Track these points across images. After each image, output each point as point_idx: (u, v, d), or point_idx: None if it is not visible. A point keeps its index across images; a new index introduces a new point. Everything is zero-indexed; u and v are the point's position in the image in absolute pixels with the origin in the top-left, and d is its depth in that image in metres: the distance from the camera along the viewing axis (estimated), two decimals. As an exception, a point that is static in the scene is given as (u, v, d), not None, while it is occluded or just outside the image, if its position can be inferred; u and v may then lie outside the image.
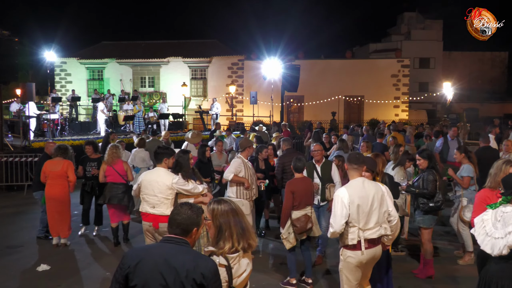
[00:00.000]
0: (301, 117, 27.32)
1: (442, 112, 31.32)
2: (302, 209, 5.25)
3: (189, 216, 2.52)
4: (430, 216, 5.60)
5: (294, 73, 18.74)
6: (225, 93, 26.23)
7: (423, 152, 5.80)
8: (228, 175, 6.29)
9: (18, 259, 6.50)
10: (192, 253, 2.47)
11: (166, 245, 2.49)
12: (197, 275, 2.34)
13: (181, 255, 2.40)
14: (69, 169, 6.80)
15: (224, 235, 2.63)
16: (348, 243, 3.92)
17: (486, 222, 3.50)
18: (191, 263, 2.37)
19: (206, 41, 29.30)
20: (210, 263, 2.44)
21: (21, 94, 14.44)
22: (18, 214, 9.08)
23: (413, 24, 36.46)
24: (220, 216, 2.65)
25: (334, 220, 3.89)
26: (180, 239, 2.49)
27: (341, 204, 3.85)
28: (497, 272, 3.42)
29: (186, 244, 2.49)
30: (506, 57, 40.04)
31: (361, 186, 3.94)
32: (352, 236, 3.89)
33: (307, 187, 5.39)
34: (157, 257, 2.40)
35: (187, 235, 2.51)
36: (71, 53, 27.79)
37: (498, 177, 4.13)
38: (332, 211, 3.96)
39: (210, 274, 2.37)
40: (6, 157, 11.43)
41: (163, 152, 5.18)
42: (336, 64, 27.49)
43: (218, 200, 2.77)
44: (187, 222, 2.51)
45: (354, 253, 3.92)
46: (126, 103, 19.45)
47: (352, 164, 4.02)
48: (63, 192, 6.79)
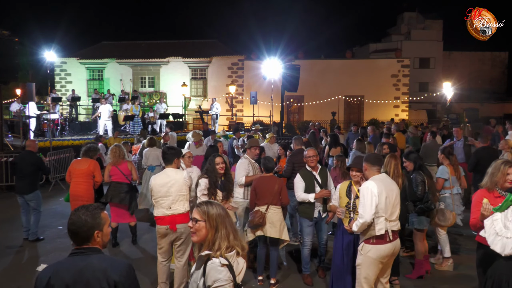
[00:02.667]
0: (301, 117, 27.32)
1: (442, 112, 31.31)
2: (262, 206, 5.30)
3: (84, 222, 2.37)
4: (423, 218, 5.64)
5: (294, 73, 18.74)
6: (225, 93, 26.23)
7: (409, 155, 5.85)
8: (240, 180, 6.03)
9: (18, 259, 6.50)
10: (101, 260, 2.35)
11: (73, 258, 2.35)
12: (110, 281, 2.26)
13: (90, 266, 2.29)
14: (96, 169, 6.80)
15: (220, 235, 2.60)
16: (376, 233, 4.02)
17: (496, 222, 3.50)
18: (100, 272, 2.27)
19: (206, 41, 29.29)
20: (120, 266, 2.36)
21: (21, 94, 14.45)
22: (18, 214, 9.04)
23: (413, 24, 36.47)
24: (217, 216, 2.62)
25: (364, 210, 3.98)
26: (85, 249, 2.37)
27: (371, 194, 3.98)
28: (507, 270, 3.43)
29: (93, 252, 2.38)
30: (506, 57, 40.05)
31: (386, 180, 4.17)
32: (380, 226, 4.01)
33: (270, 186, 5.32)
34: (66, 275, 2.27)
35: (90, 241, 2.39)
36: (71, 53, 27.78)
37: (495, 177, 4.01)
38: (361, 202, 4.06)
39: (122, 278, 2.30)
40: (6, 157, 11.43)
41: (173, 152, 5.18)
42: (336, 64, 27.49)
43: (210, 202, 2.72)
44: (83, 229, 2.37)
45: (376, 247, 4.02)
46: (126, 103, 19.45)
47: (375, 165, 4.20)
48: (87, 191, 6.76)
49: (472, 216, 3.95)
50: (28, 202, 7.38)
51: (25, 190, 7.35)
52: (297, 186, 5.48)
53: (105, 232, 2.46)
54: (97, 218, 2.42)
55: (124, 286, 2.28)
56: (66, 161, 12.31)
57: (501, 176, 3.97)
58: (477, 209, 3.87)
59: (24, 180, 7.35)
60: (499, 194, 3.96)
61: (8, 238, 7.50)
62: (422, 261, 5.72)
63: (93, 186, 6.85)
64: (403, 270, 5.88)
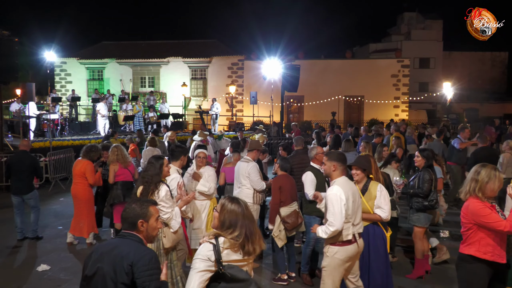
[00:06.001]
0: (301, 117, 27.32)
1: (442, 112, 31.33)
2: (290, 205, 5.43)
3: (132, 209, 2.71)
4: (425, 215, 5.62)
5: (294, 73, 18.74)
6: (225, 93, 26.22)
7: (424, 151, 5.85)
8: (262, 184, 5.98)
9: (18, 259, 6.50)
10: (133, 245, 2.60)
11: (116, 238, 2.73)
12: (128, 261, 2.49)
13: (123, 246, 2.58)
14: (87, 169, 6.78)
15: (226, 230, 2.62)
16: (343, 239, 4.00)
17: None
18: (126, 253, 2.53)
19: (206, 41, 29.29)
20: (144, 253, 2.56)
21: (21, 94, 14.45)
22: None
23: (413, 24, 36.49)
24: (228, 213, 2.64)
25: (335, 219, 3.90)
26: (127, 233, 2.68)
27: (340, 201, 3.92)
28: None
29: (133, 237, 2.66)
30: (506, 57, 40.07)
31: (348, 183, 4.13)
32: (347, 232, 4.00)
33: (292, 183, 5.61)
34: (104, 250, 2.62)
35: (134, 228, 2.68)
36: (71, 53, 27.78)
37: (493, 184, 3.51)
38: (330, 210, 3.95)
39: (139, 261, 2.49)
40: (6, 157, 11.42)
41: (180, 150, 5.26)
42: (336, 64, 27.48)
43: (232, 198, 2.74)
44: (130, 215, 2.69)
45: (343, 248, 4.02)
46: (126, 103, 19.45)
47: (340, 163, 4.17)
48: (80, 191, 6.79)
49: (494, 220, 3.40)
50: (27, 201, 7.38)
51: (24, 190, 7.33)
52: (309, 184, 5.45)
53: (151, 224, 2.73)
54: (144, 209, 2.73)
55: (138, 269, 2.49)
56: (66, 161, 12.31)
57: (499, 184, 3.53)
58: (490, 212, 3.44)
59: (23, 181, 7.32)
60: (490, 204, 3.53)
61: (8, 238, 7.49)
62: (422, 260, 5.71)
63: (91, 186, 6.84)
64: (403, 270, 5.89)
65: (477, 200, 3.53)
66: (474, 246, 3.53)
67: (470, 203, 3.55)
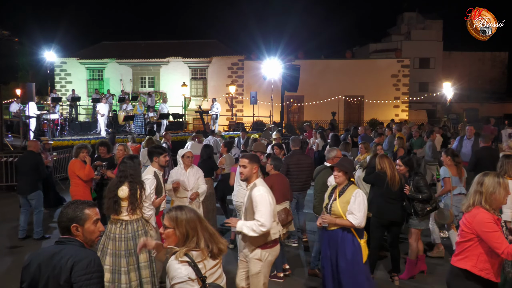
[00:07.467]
0: (301, 117, 27.32)
1: (442, 112, 31.32)
2: (281, 204, 5.52)
3: (65, 214, 2.57)
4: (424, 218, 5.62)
5: (294, 73, 18.74)
6: (225, 93, 26.22)
7: (404, 158, 5.86)
8: None
9: (18, 259, 6.49)
10: (71, 249, 2.49)
11: (53, 245, 2.58)
12: (67, 267, 2.39)
13: (60, 253, 2.47)
14: (75, 167, 6.79)
15: (191, 241, 2.55)
16: (271, 239, 4.06)
17: None
18: (65, 258, 2.43)
19: (206, 41, 29.29)
20: (82, 256, 2.45)
21: (21, 94, 14.43)
22: (18, 214, 9.05)
23: (413, 24, 36.47)
24: (187, 223, 2.56)
25: (266, 219, 3.86)
26: (65, 239, 2.56)
27: (269, 201, 3.97)
28: None
29: (72, 241, 2.53)
30: (506, 57, 40.05)
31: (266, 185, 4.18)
32: (274, 230, 4.09)
33: (284, 183, 5.81)
34: (41, 259, 2.48)
35: (70, 232, 2.55)
36: (71, 53, 27.78)
37: (499, 195, 3.24)
38: (259, 210, 3.90)
39: (77, 265, 2.39)
40: (6, 157, 11.43)
41: (156, 151, 5.33)
42: (336, 64, 27.48)
43: (180, 207, 2.66)
44: (63, 219, 2.56)
45: (272, 249, 4.11)
46: (126, 103, 19.45)
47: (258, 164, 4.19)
48: (75, 191, 6.80)
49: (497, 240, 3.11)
50: (30, 201, 7.41)
51: (26, 190, 7.36)
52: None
53: (87, 228, 2.57)
54: (78, 212, 2.56)
55: (75, 274, 2.38)
56: (66, 161, 12.30)
57: (504, 194, 3.26)
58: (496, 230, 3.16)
59: (25, 180, 7.38)
60: (497, 217, 3.26)
61: (8, 238, 7.50)
62: (414, 261, 5.70)
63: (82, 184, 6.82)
64: (402, 269, 5.88)
65: (485, 212, 3.22)
66: (470, 261, 3.24)
67: (479, 213, 3.23)
